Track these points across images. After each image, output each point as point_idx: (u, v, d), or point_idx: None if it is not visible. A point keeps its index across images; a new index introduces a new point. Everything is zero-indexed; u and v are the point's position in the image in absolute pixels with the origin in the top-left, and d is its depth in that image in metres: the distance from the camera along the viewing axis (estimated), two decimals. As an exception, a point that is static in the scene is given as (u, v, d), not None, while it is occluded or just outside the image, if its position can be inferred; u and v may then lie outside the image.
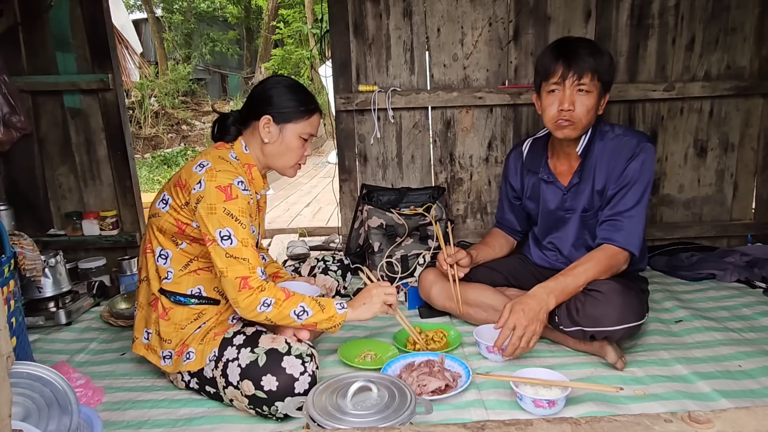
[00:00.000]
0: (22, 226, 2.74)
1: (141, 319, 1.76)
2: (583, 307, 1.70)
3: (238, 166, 1.69)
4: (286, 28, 12.68)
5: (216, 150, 1.72)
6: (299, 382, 1.48)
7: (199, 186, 1.57)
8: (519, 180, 2.15)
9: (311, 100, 1.77)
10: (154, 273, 1.71)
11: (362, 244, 2.75)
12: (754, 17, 2.65)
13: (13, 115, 2.62)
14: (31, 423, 1.10)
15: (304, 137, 1.75)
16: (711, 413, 0.79)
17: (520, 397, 1.51)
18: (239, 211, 1.56)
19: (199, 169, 1.60)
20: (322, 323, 1.60)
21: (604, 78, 1.82)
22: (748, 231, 2.87)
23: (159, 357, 1.69)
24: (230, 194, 1.56)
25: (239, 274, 1.53)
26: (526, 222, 2.23)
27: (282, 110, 1.70)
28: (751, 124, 2.77)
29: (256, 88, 1.77)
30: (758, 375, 1.65)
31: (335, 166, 3.11)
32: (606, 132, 1.92)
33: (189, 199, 1.59)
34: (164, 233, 1.68)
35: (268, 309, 1.54)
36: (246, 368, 1.51)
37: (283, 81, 1.76)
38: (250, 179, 1.74)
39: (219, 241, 1.54)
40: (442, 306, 2.11)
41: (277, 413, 1.49)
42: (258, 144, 1.74)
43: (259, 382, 1.48)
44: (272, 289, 1.56)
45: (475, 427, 0.79)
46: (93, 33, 2.70)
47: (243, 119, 1.77)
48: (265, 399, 1.48)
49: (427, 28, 2.69)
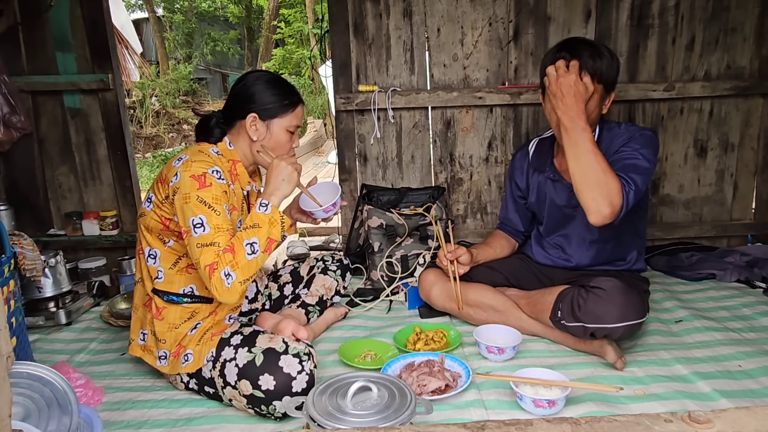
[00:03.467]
0: (22, 226, 2.74)
1: (137, 320, 1.76)
2: (585, 304, 1.70)
3: (217, 159, 1.68)
4: (287, 28, 12.69)
5: (197, 146, 1.73)
6: (297, 381, 1.48)
7: (175, 178, 1.58)
8: (525, 179, 2.15)
9: (293, 91, 1.77)
10: (146, 273, 1.72)
11: (362, 244, 2.75)
12: (754, 17, 2.64)
13: (13, 115, 2.62)
14: (31, 423, 1.10)
15: (291, 130, 1.75)
16: (711, 413, 0.79)
17: (520, 397, 1.51)
18: (213, 199, 1.55)
19: (177, 162, 1.61)
20: (272, 233, 1.57)
21: (606, 79, 1.82)
22: (748, 231, 2.87)
23: (155, 357, 1.69)
24: (204, 182, 1.56)
25: (208, 262, 1.50)
26: (530, 222, 2.24)
27: (267, 106, 1.70)
28: (751, 124, 2.77)
29: (237, 86, 1.75)
30: (758, 375, 1.65)
31: (335, 166, 3.11)
32: (612, 128, 1.93)
33: (168, 192, 1.60)
34: (151, 232, 1.68)
35: (234, 275, 1.50)
36: (243, 368, 1.51)
37: (263, 76, 1.75)
38: (233, 173, 1.73)
39: (192, 231, 1.52)
40: (442, 306, 2.11)
41: (276, 412, 1.49)
42: (246, 142, 1.73)
43: (257, 382, 1.48)
44: (222, 256, 1.51)
45: (475, 427, 0.79)
46: (93, 33, 2.71)
47: (227, 119, 1.76)
48: (263, 398, 1.48)
49: (427, 28, 2.69)
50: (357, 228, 2.80)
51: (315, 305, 2.15)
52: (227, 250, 1.51)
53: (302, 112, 1.79)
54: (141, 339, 1.74)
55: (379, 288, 2.50)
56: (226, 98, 1.80)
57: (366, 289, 2.52)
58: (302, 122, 1.82)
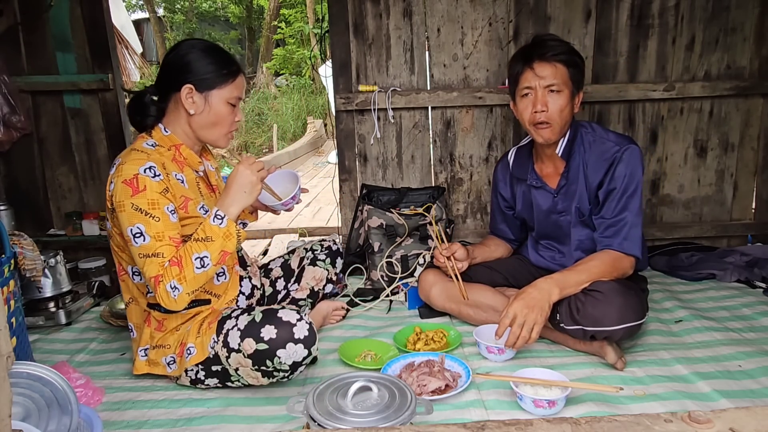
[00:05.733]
0: (22, 226, 2.74)
1: (135, 341, 1.74)
2: (584, 307, 1.70)
3: (154, 151, 1.57)
4: (288, 28, 12.69)
5: (132, 144, 1.62)
6: (297, 327, 1.49)
7: (111, 186, 1.52)
8: (509, 190, 2.16)
9: (232, 61, 1.63)
10: (137, 292, 1.68)
11: (362, 244, 2.75)
12: (754, 17, 2.64)
13: (13, 115, 2.62)
14: (31, 423, 1.10)
15: (232, 102, 1.62)
16: (711, 413, 0.79)
17: (520, 397, 1.51)
18: (149, 204, 1.47)
19: (112, 169, 1.54)
20: (226, 247, 1.50)
21: (574, 77, 1.84)
22: (748, 231, 2.86)
23: (163, 366, 1.68)
24: (137, 187, 1.47)
25: (153, 273, 1.46)
26: (520, 230, 2.24)
27: (204, 76, 1.56)
28: (751, 124, 2.76)
29: (169, 56, 1.60)
30: (758, 375, 1.65)
31: (335, 166, 3.11)
32: (587, 132, 1.92)
33: (109, 204, 1.54)
34: (123, 250, 1.63)
35: (181, 288, 1.47)
36: (245, 328, 1.52)
37: (197, 44, 1.61)
38: (178, 160, 1.63)
39: (132, 240, 1.48)
40: (442, 306, 2.11)
41: (282, 365, 1.50)
42: (184, 118, 1.60)
43: (259, 335, 1.49)
44: (168, 269, 1.47)
45: (475, 427, 0.79)
46: (93, 33, 2.71)
47: (161, 94, 1.62)
48: (267, 350, 1.49)
49: (427, 28, 2.69)
50: (357, 228, 2.80)
51: (306, 298, 2.14)
52: (173, 263, 1.46)
53: (243, 82, 1.65)
54: (143, 355, 1.71)
55: (379, 288, 2.50)
56: (159, 69, 1.65)
57: (366, 289, 2.52)
58: (243, 94, 1.68)
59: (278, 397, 1.63)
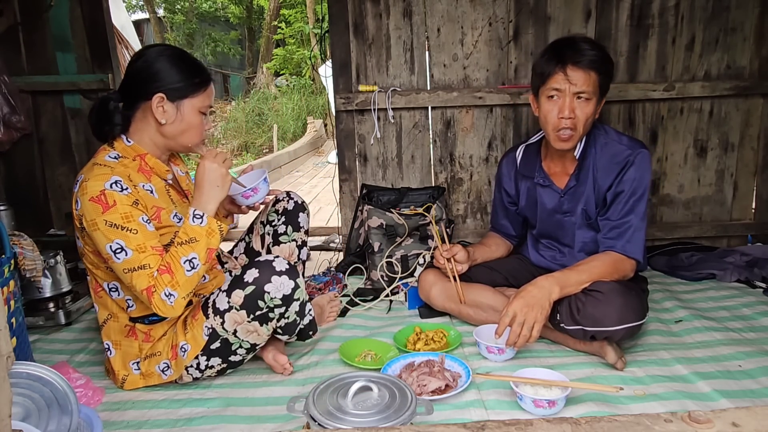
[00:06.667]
0: (22, 226, 2.73)
1: (119, 356, 1.67)
2: (584, 307, 1.70)
3: (118, 165, 1.52)
4: (288, 28, 12.70)
5: (93, 158, 1.56)
6: (276, 262, 1.54)
7: (77, 205, 1.47)
8: (513, 185, 2.15)
9: (203, 69, 1.61)
10: (116, 308, 1.65)
11: (362, 244, 2.75)
12: (754, 17, 2.64)
13: (13, 115, 2.62)
14: (31, 423, 1.10)
15: (204, 111, 1.60)
16: (711, 413, 0.79)
17: (520, 397, 1.51)
18: (123, 218, 1.44)
19: (76, 187, 1.50)
20: (211, 244, 1.50)
21: (603, 84, 1.81)
22: (748, 231, 2.87)
23: (158, 374, 1.66)
24: (106, 203, 1.43)
25: (143, 286, 1.45)
26: (521, 226, 2.24)
27: (175, 85, 1.53)
28: (751, 124, 2.76)
29: (137, 63, 1.55)
30: (758, 375, 1.65)
31: (335, 166, 3.11)
32: (600, 135, 1.91)
33: (77, 222, 1.51)
34: (98, 267, 1.60)
35: (176, 294, 1.46)
36: (229, 287, 1.56)
37: (165, 51, 1.56)
38: (144, 170, 1.58)
39: (114, 257, 1.44)
40: (442, 306, 2.11)
41: (273, 301, 1.52)
42: (153, 127, 1.56)
43: (243, 281, 1.53)
44: (158, 278, 1.45)
45: (475, 427, 0.79)
46: (93, 33, 2.71)
47: (128, 102, 1.56)
48: (255, 290, 1.52)
49: (427, 28, 2.69)
50: (357, 228, 2.80)
51: None
52: (163, 271, 1.45)
53: (213, 91, 1.63)
54: (135, 369, 1.67)
55: (379, 288, 2.50)
56: (124, 76, 1.59)
57: (366, 289, 2.52)
58: (212, 103, 1.66)
59: (278, 397, 1.63)
